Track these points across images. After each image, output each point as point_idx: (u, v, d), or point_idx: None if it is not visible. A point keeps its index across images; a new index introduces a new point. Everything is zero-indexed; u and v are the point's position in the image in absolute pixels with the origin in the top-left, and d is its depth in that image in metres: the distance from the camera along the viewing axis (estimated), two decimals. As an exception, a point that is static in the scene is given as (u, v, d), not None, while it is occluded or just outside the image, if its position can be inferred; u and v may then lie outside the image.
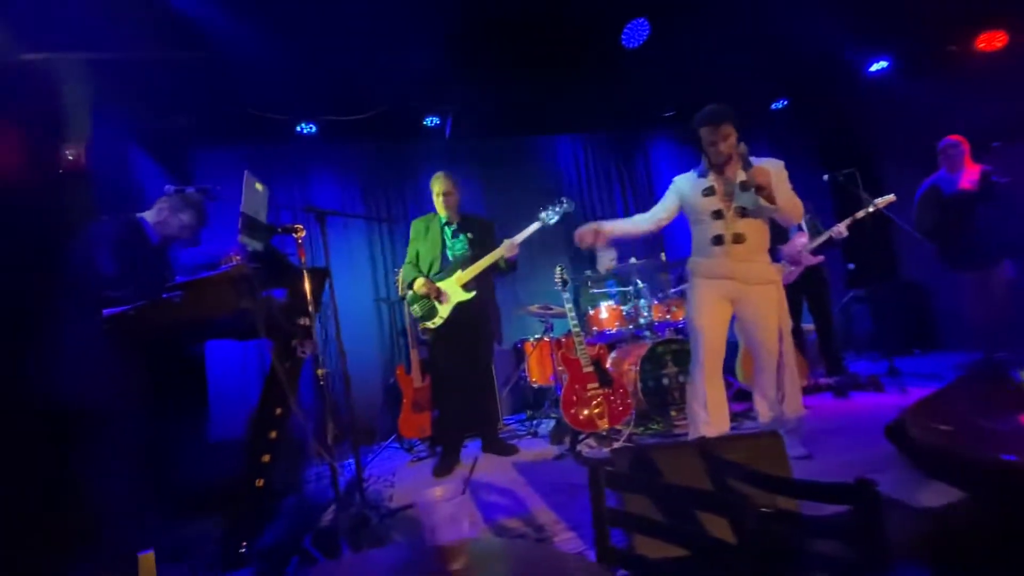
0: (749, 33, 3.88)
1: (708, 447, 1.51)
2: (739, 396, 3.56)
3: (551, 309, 3.65)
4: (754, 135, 5.31)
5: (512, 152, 5.05)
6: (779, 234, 3.62)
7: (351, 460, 2.39)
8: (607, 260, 4.20)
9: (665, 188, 4.70)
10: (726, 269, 2.21)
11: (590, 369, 2.97)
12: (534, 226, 3.00)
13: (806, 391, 3.56)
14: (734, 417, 3.12)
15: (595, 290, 3.95)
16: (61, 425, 1.74)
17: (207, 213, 2.33)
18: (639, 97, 4.51)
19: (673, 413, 3.23)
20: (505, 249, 2.90)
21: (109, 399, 1.62)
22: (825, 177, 3.81)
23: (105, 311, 1.58)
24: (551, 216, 3.01)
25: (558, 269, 3.21)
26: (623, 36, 3.50)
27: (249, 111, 3.85)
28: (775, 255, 3.63)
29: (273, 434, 2.02)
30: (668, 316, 3.53)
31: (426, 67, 3.73)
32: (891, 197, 3.47)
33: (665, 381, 3.25)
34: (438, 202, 3.04)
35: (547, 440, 3.30)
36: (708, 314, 2.25)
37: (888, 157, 5.02)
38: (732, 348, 3.57)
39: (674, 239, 5.04)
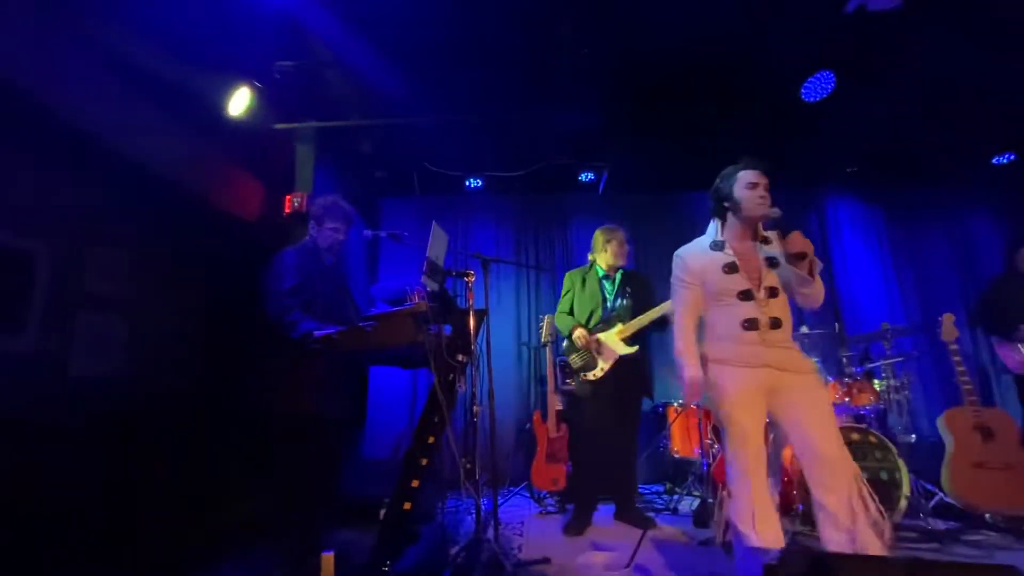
0: (960, 80, 3.37)
1: (921, 572, 1.22)
2: (943, 511, 2.88)
3: (702, 374, 3.38)
4: (969, 196, 4.52)
5: (665, 207, 4.95)
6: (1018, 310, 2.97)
7: (486, 500, 2.42)
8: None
9: (846, 247, 4.16)
10: (762, 357, 1.83)
11: (747, 447, 2.65)
12: None
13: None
14: (939, 537, 2.54)
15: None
16: (273, 429, 2.07)
17: (350, 214, 2.50)
18: (816, 152, 4.14)
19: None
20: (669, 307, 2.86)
21: (313, 408, 1.90)
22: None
23: (316, 332, 1.89)
24: None
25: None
26: (803, 89, 3.28)
27: (429, 168, 4.40)
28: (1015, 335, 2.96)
29: (424, 461, 2.15)
30: (847, 399, 3.03)
31: (586, 128, 3.91)
32: None
33: (806, 473, 2.75)
34: (619, 251, 3.05)
35: (689, 519, 2.99)
36: (746, 410, 1.80)
37: None
38: (935, 449, 2.95)
39: (854, 309, 4.41)
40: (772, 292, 1.87)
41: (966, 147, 4.18)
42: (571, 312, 3.13)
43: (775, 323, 1.84)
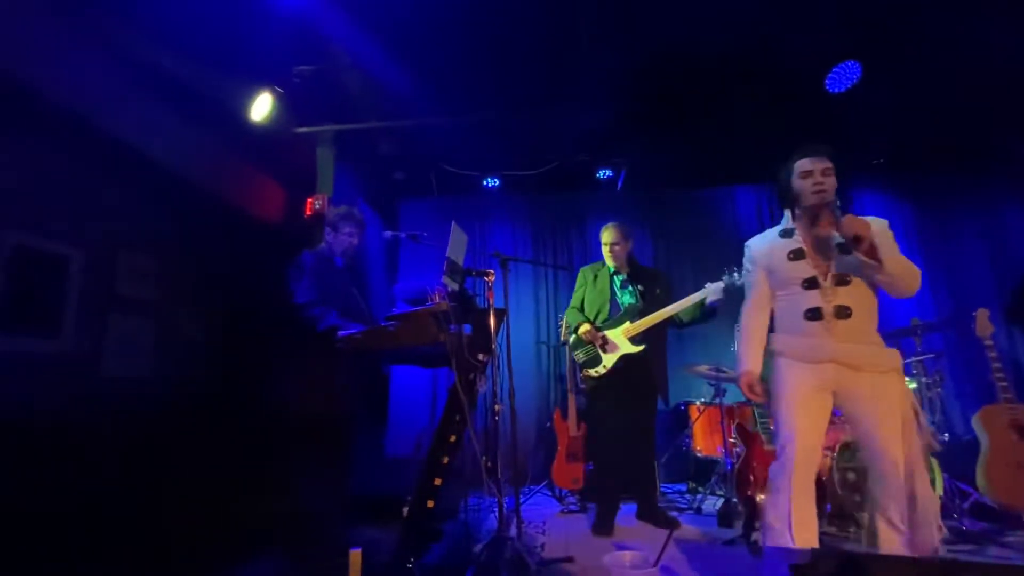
0: (992, 66, 3.25)
1: (956, 574, 1.19)
2: (978, 511, 2.79)
3: (724, 372, 3.33)
4: (1004, 186, 4.36)
5: (685, 203, 4.89)
6: None
7: (508, 498, 2.43)
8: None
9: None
10: (826, 351, 1.73)
11: (772, 448, 2.60)
12: (719, 284, 2.86)
13: None
14: (975, 538, 2.46)
15: (781, 356, 3.52)
16: (290, 428, 2.11)
17: (363, 220, 2.62)
18: (842, 144, 4.02)
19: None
20: (712, 293, 2.82)
21: (331, 407, 1.93)
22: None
23: (340, 332, 1.92)
24: (735, 281, 2.85)
25: (737, 329, 2.95)
26: (827, 80, 3.20)
27: (446, 168, 4.42)
28: None
29: (446, 459, 2.16)
30: (876, 396, 2.95)
31: (602, 126, 3.88)
32: None
33: (870, 473, 2.69)
34: (606, 252, 3.05)
35: (712, 519, 2.95)
36: (804, 406, 1.75)
37: None
38: (970, 448, 2.86)
39: (882, 304, 4.29)
40: (842, 280, 1.74)
41: (1000, 136, 4.04)
42: (582, 308, 3.10)
43: (842, 313, 1.71)
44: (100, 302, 2.43)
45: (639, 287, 3.01)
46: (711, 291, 2.83)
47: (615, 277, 3.07)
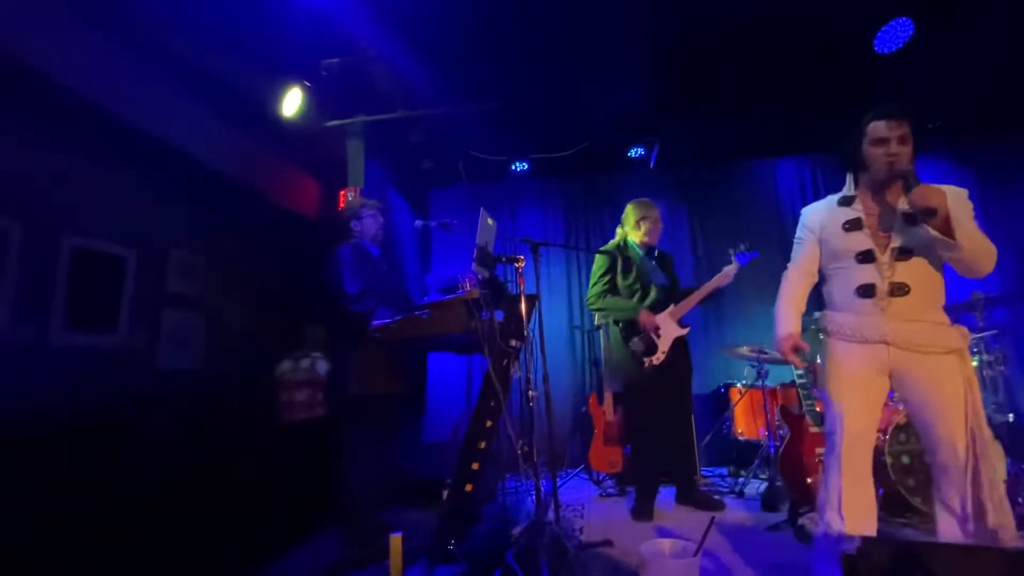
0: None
1: (1017, 561, 1.11)
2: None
3: (765, 353, 3.22)
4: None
5: (722, 179, 4.70)
6: None
7: (546, 481, 2.44)
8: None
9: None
10: (879, 330, 1.60)
11: (818, 430, 2.52)
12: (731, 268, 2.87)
13: None
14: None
15: (827, 336, 3.37)
16: (338, 414, 2.17)
17: (378, 202, 2.73)
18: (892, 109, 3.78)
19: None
20: (723, 279, 2.83)
21: (373, 393, 1.97)
22: None
23: (375, 322, 1.96)
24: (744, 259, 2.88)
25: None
26: (876, 40, 2.98)
27: (475, 155, 4.39)
28: None
29: (483, 444, 2.19)
30: (932, 376, 2.80)
31: (633, 102, 3.75)
32: None
33: (927, 458, 2.56)
34: (650, 227, 2.94)
35: (756, 503, 2.89)
36: (851, 389, 1.65)
37: None
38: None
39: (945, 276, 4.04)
40: (902, 254, 1.59)
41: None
42: (615, 292, 2.96)
43: (898, 290, 1.57)
44: (154, 298, 2.56)
45: (665, 267, 2.96)
46: (728, 274, 2.85)
47: (645, 259, 2.98)
